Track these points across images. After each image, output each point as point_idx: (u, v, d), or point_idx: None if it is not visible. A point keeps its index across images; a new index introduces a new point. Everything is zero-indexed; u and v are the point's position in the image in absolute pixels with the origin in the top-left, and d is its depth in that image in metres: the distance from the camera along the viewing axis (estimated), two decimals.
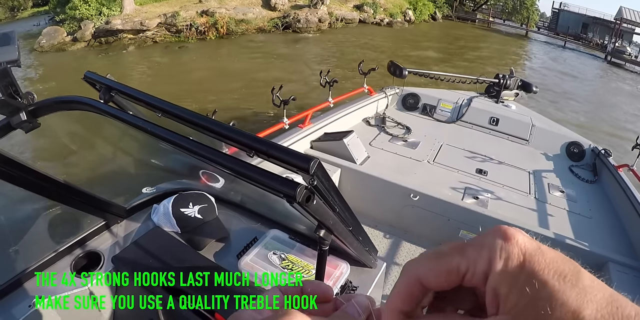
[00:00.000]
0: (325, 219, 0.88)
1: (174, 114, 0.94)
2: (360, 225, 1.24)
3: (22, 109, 1.16)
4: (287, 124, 3.80)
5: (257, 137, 0.78)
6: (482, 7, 40.55)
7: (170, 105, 0.96)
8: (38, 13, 25.51)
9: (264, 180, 0.74)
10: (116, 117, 1.03)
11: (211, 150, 0.82)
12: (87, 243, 1.81)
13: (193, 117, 0.89)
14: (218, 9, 18.99)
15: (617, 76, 23.17)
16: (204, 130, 0.85)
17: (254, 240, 1.87)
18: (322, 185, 0.76)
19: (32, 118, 1.19)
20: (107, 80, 1.17)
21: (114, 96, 1.17)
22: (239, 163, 0.77)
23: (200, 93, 11.05)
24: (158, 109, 0.98)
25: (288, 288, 0.39)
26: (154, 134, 0.92)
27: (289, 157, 0.71)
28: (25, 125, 1.19)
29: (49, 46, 16.29)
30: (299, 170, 0.72)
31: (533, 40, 33.12)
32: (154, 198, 2.08)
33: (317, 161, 0.72)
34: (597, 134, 11.31)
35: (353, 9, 25.12)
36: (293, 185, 0.71)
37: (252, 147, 0.75)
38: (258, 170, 0.75)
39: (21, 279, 1.57)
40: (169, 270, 1.64)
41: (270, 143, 0.75)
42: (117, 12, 17.59)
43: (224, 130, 0.81)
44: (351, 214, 1.08)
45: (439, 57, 19.46)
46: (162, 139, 0.91)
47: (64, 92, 1.32)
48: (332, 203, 0.87)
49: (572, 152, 4.80)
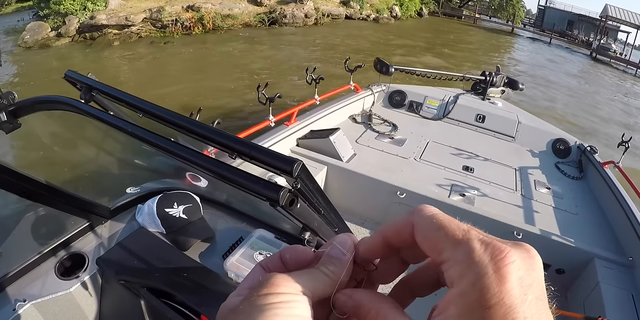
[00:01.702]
0: (310, 222, 0.86)
1: (155, 114, 0.91)
2: (346, 226, 1.23)
3: (1, 110, 1.13)
4: (273, 121, 3.78)
5: (238, 139, 0.76)
6: (469, 3, 40.79)
7: (151, 106, 0.94)
8: (22, 8, 25.08)
9: (246, 183, 0.72)
10: (96, 118, 1.01)
11: (192, 152, 0.80)
12: (71, 244, 1.78)
13: (174, 117, 0.87)
14: (204, 4, 18.85)
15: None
16: (186, 131, 0.83)
17: (239, 240, 1.86)
18: (306, 187, 0.75)
19: (12, 118, 1.16)
20: (88, 79, 1.14)
21: (95, 96, 1.15)
22: (221, 165, 0.76)
23: (185, 89, 10.95)
24: (139, 109, 0.96)
25: (268, 261, 0.38)
26: (134, 135, 0.90)
27: (271, 160, 0.70)
28: (6, 126, 1.16)
29: (33, 42, 16.01)
30: (282, 173, 0.70)
31: (519, 36, 33.39)
32: (138, 198, 2.05)
33: (301, 163, 0.70)
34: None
35: (339, 5, 25.10)
36: (276, 188, 0.69)
37: (233, 148, 0.74)
38: (240, 173, 0.73)
39: (4, 283, 1.55)
40: (154, 272, 1.62)
41: (252, 144, 0.73)
42: (102, 7, 17.36)
43: (205, 131, 0.79)
44: (337, 215, 1.07)
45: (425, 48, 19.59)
46: (142, 140, 0.89)
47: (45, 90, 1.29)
48: (316, 205, 0.86)
49: (558, 149, 4.84)
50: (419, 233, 0.34)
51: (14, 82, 11.49)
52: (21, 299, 1.50)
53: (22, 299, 1.50)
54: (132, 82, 11.73)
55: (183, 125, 0.83)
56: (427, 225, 0.34)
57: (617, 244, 3.34)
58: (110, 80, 10.65)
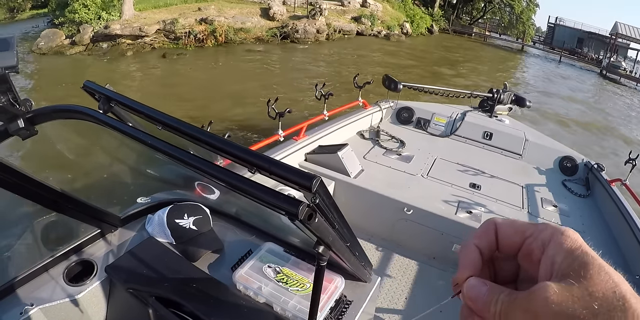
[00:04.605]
0: (325, 236, 0.87)
1: (174, 127, 0.93)
2: (357, 240, 1.24)
3: (20, 116, 1.14)
4: (282, 136, 3.80)
5: (259, 154, 0.77)
6: (479, 21, 41.02)
7: (170, 118, 0.95)
8: (37, 15, 25.54)
9: (267, 197, 0.74)
10: (116, 129, 1.02)
11: (215, 167, 0.82)
12: (80, 251, 1.79)
13: (193, 131, 0.88)
14: (217, 17, 19.08)
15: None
16: (205, 144, 0.85)
17: (248, 252, 1.86)
18: (323, 203, 0.76)
19: (29, 125, 1.17)
20: (107, 90, 1.15)
21: (113, 107, 1.16)
22: (242, 180, 0.77)
23: (196, 101, 11.04)
24: (158, 122, 0.97)
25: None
26: (154, 147, 0.92)
27: (291, 175, 0.71)
28: (23, 133, 1.17)
29: (47, 49, 16.28)
30: (301, 188, 0.72)
31: (529, 54, 33.45)
32: (148, 208, 2.07)
33: (319, 179, 0.72)
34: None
35: (351, 21, 25.29)
36: (295, 203, 0.71)
37: (253, 163, 0.75)
38: (261, 188, 0.75)
39: (14, 286, 1.56)
40: (163, 281, 1.63)
41: (272, 160, 0.75)
42: (116, 17, 17.61)
43: (225, 146, 0.80)
44: (349, 229, 1.08)
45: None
46: (164, 153, 0.90)
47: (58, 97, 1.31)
48: (332, 220, 0.87)
49: (565, 167, 4.82)
50: (504, 226, 0.45)
51: (27, 87, 11.62)
52: (28, 303, 1.51)
53: (29, 303, 1.51)
54: (144, 92, 11.85)
55: (203, 139, 0.85)
56: (507, 220, 0.45)
57: (624, 262, 3.31)
58: (125, 90, 10.76)
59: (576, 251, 0.37)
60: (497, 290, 0.40)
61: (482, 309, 0.40)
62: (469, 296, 0.42)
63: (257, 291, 1.56)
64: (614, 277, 0.35)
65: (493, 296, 0.39)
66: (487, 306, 0.39)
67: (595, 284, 0.34)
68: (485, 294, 0.40)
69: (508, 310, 0.38)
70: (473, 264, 0.44)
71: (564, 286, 0.35)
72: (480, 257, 0.44)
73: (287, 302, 1.53)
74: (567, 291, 0.34)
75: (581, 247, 0.37)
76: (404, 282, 3.23)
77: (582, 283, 0.34)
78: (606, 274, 0.35)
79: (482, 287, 0.41)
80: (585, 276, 0.35)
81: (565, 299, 0.34)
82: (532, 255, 0.41)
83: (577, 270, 0.35)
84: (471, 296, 0.41)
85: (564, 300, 0.34)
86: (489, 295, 0.40)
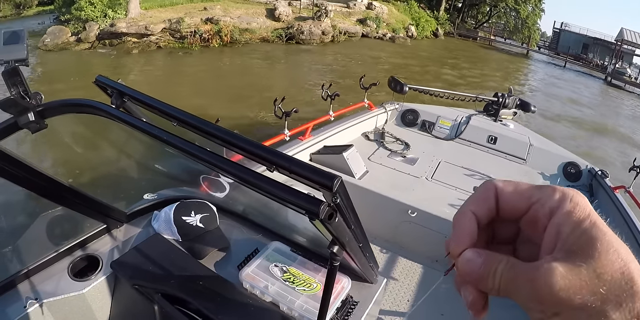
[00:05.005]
0: (342, 236, 0.87)
1: (191, 123, 0.92)
2: (368, 241, 1.23)
3: (30, 109, 1.13)
4: (288, 135, 3.80)
5: (280, 153, 0.77)
6: (484, 25, 41.00)
7: (186, 115, 0.94)
8: (43, 12, 25.61)
9: (287, 196, 0.73)
10: (130, 124, 1.01)
11: (238, 166, 0.81)
12: (85, 246, 1.79)
13: (211, 128, 0.87)
14: (223, 17, 19.12)
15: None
16: (224, 142, 0.84)
17: (255, 251, 1.86)
18: (342, 203, 0.76)
19: (39, 119, 1.16)
20: (120, 85, 1.13)
21: (126, 102, 1.16)
22: (264, 179, 0.77)
23: (201, 99, 11.06)
24: (173, 118, 0.96)
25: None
26: (170, 143, 0.91)
27: (312, 174, 0.71)
28: (33, 126, 1.16)
29: (53, 45, 16.34)
30: (321, 188, 0.71)
31: (534, 59, 33.42)
32: (154, 204, 2.06)
33: (340, 179, 0.71)
34: None
35: (356, 23, 25.31)
36: (317, 202, 0.71)
37: (273, 162, 0.75)
38: (282, 186, 0.75)
39: (17, 279, 1.56)
40: (169, 278, 1.63)
41: (293, 159, 0.75)
42: (122, 15, 17.66)
43: (246, 144, 0.80)
44: (362, 230, 1.07)
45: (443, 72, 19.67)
46: (181, 151, 0.89)
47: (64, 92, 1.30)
48: (349, 220, 0.87)
49: (569, 173, 4.81)
50: (506, 191, 0.40)
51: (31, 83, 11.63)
52: (32, 297, 1.51)
53: (33, 297, 1.51)
54: (149, 90, 11.85)
55: (223, 137, 0.84)
56: (509, 183, 0.41)
57: None
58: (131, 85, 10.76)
59: (585, 222, 0.34)
60: (495, 261, 0.37)
61: (479, 283, 0.38)
62: (463, 270, 0.39)
63: (264, 290, 1.56)
64: (622, 254, 0.33)
65: (490, 267, 0.37)
66: (485, 280, 0.37)
67: (603, 265, 0.32)
68: (481, 266, 0.37)
69: (509, 287, 0.36)
70: (469, 234, 0.40)
71: (571, 268, 0.32)
72: (476, 226, 0.40)
73: (294, 301, 1.52)
74: (574, 274, 0.32)
75: (590, 216, 0.35)
76: (406, 285, 3.23)
77: (590, 263, 0.32)
78: (615, 252, 0.33)
79: (477, 259, 0.38)
80: (593, 255, 0.32)
81: (573, 285, 0.32)
82: (538, 222, 0.38)
83: (584, 248, 0.33)
84: (466, 270, 0.39)
85: (571, 286, 0.32)
86: (485, 268, 0.37)
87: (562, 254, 0.34)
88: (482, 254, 0.38)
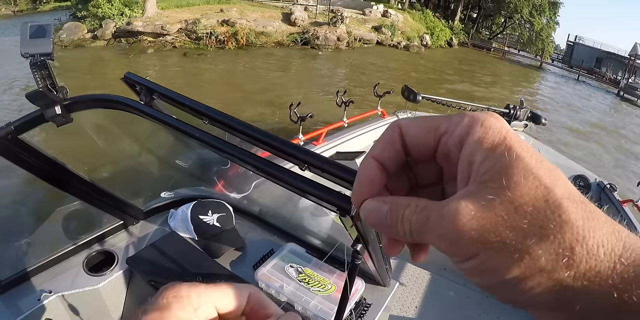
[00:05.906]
0: (368, 234, 0.88)
1: (222, 121, 0.93)
2: None
3: (57, 103, 1.13)
4: (302, 140, 3.82)
5: (312, 152, 0.78)
6: (498, 36, 40.88)
7: (217, 113, 0.94)
8: (60, 8, 25.94)
9: (320, 193, 0.75)
10: (161, 121, 1.01)
11: (273, 165, 0.82)
12: (101, 242, 1.81)
13: (243, 126, 0.88)
14: (239, 20, 19.24)
15: None
16: (256, 141, 0.85)
17: (270, 252, 1.87)
18: None
19: (66, 113, 1.16)
20: (149, 82, 1.14)
21: (155, 99, 1.16)
22: (297, 177, 0.78)
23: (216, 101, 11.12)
24: (204, 116, 0.97)
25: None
26: (204, 141, 0.92)
27: (343, 173, 0.72)
28: (59, 119, 1.16)
29: (69, 41, 16.55)
30: (351, 185, 0.72)
31: (547, 72, 33.26)
32: (171, 203, 2.08)
33: None
34: None
35: (371, 30, 25.34)
36: (348, 199, 0.71)
37: (306, 161, 0.76)
38: (314, 184, 0.76)
39: (33, 272, 1.57)
40: (185, 275, 1.64)
41: (325, 159, 0.76)
42: (138, 14, 17.87)
43: (279, 143, 0.81)
44: None
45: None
46: (215, 148, 0.90)
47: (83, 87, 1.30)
48: None
49: (578, 186, 4.77)
50: (411, 127, 0.35)
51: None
52: (47, 290, 1.52)
53: (47, 290, 1.52)
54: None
55: (255, 136, 0.85)
56: (415, 119, 0.36)
57: None
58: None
59: (499, 148, 0.29)
60: (401, 206, 0.33)
61: (389, 232, 0.34)
62: (369, 222, 0.35)
63: (279, 290, 1.57)
64: (544, 179, 0.28)
65: (397, 214, 0.33)
66: (395, 228, 0.33)
67: (521, 195, 0.27)
68: (387, 214, 0.34)
69: (422, 232, 0.32)
70: (370, 183, 0.36)
71: (482, 204, 0.28)
72: (380, 173, 0.36)
73: (309, 301, 1.53)
74: (487, 210, 0.28)
75: (505, 140, 0.30)
76: (414, 291, 3.22)
77: (505, 195, 0.28)
78: (535, 179, 0.28)
79: (381, 208, 0.34)
80: (508, 186, 0.28)
81: (486, 222, 0.27)
82: (451, 155, 0.33)
83: (497, 177, 0.28)
84: (372, 222, 0.35)
85: (484, 224, 0.27)
86: (392, 215, 0.33)
87: (474, 186, 0.30)
88: (388, 201, 0.34)
